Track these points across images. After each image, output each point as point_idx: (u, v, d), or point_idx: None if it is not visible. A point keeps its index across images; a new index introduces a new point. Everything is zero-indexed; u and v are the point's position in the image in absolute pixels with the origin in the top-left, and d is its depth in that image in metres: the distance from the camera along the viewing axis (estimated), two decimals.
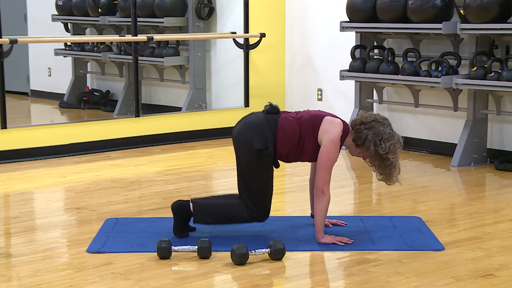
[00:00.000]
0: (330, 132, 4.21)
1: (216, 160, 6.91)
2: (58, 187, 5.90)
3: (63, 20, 9.78)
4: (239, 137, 4.32)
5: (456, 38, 6.68)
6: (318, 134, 4.23)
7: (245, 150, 4.27)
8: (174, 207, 4.36)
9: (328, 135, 4.21)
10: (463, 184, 6.07)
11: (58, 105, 9.81)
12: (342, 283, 3.75)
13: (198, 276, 3.79)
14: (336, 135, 4.21)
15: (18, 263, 4.00)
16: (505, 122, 6.61)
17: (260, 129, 4.26)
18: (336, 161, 4.25)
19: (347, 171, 6.48)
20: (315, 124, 4.25)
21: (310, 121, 4.27)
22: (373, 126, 4.22)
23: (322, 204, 4.23)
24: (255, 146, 4.22)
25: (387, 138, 4.20)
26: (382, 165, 4.26)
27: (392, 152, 4.21)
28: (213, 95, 8.67)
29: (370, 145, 4.21)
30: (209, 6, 8.49)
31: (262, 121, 4.29)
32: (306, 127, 4.25)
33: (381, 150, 4.19)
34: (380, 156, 4.22)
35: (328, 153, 4.20)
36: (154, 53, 8.64)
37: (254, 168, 4.27)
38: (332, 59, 7.83)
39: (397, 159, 4.26)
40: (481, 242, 4.33)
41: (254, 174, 4.28)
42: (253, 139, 4.23)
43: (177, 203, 4.37)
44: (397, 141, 4.24)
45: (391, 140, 4.20)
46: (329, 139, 4.20)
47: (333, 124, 4.24)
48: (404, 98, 7.28)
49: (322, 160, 4.20)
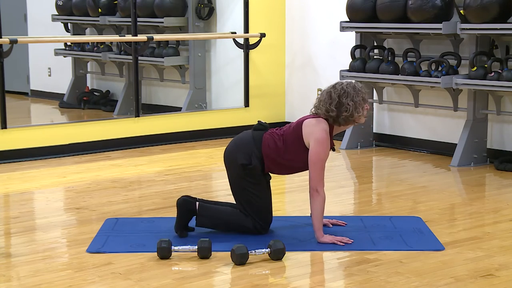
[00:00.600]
0: (313, 132, 4.25)
1: (216, 160, 6.90)
2: (58, 187, 5.90)
3: (63, 20, 9.78)
4: (227, 156, 4.44)
5: (456, 38, 6.68)
6: (304, 141, 4.29)
7: (233, 168, 4.39)
8: (179, 203, 4.38)
9: (313, 136, 4.25)
10: (463, 184, 6.07)
11: (58, 105, 9.81)
12: (342, 283, 3.75)
13: (198, 276, 3.79)
14: (320, 133, 4.24)
15: (18, 263, 4.00)
16: (505, 122, 6.61)
17: (245, 146, 4.36)
18: (326, 158, 4.28)
19: (347, 171, 6.48)
20: (297, 133, 4.31)
21: (292, 133, 4.33)
22: (335, 107, 4.24)
23: (317, 203, 4.25)
24: (239, 162, 4.32)
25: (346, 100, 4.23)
26: (347, 117, 4.27)
27: (349, 110, 4.23)
28: (213, 95, 8.67)
29: (339, 118, 4.25)
30: (209, 6, 8.49)
31: (248, 139, 4.39)
32: (291, 137, 4.32)
33: (347, 117, 4.24)
34: (346, 119, 4.26)
35: (316, 153, 4.23)
36: (154, 53, 8.64)
37: (244, 183, 4.35)
38: (332, 59, 7.83)
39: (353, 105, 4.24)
40: (481, 242, 4.33)
41: (246, 190, 4.36)
42: (238, 156, 4.34)
43: (183, 200, 4.39)
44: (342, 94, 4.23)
45: (343, 98, 4.23)
46: (315, 139, 4.24)
47: (313, 124, 4.28)
48: (404, 98, 7.28)
49: (312, 160, 4.24)
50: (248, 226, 4.37)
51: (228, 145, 4.48)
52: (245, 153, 4.32)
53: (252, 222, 4.37)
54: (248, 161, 4.30)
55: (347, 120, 4.29)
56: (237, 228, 4.41)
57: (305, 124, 4.31)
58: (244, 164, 4.30)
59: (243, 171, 4.32)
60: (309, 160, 4.25)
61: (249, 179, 4.34)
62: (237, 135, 4.53)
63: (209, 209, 4.41)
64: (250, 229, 4.38)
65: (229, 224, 4.42)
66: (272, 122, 4.58)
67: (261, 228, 4.39)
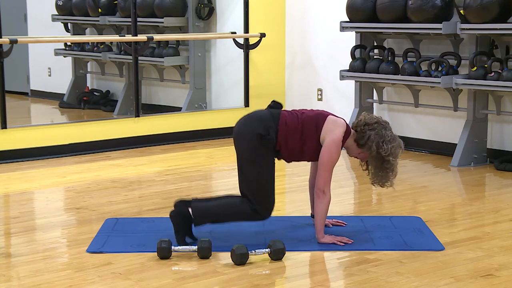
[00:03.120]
0: (333, 132, 4.21)
1: (216, 160, 6.90)
2: (58, 187, 5.90)
3: (63, 20, 9.78)
4: (242, 128, 4.28)
5: (456, 38, 6.68)
6: (321, 133, 4.22)
7: (247, 139, 4.22)
8: (173, 216, 4.21)
9: (331, 135, 4.20)
10: (463, 184, 6.07)
11: (58, 105, 9.81)
12: (342, 283, 3.75)
13: (198, 276, 3.79)
14: (338, 136, 4.21)
15: (18, 263, 4.00)
16: (505, 122, 6.61)
17: (263, 119, 4.25)
18: (337, 161, 4.25)
19: (347, 171, 6.48)
20: (318, 122, 4.24)
21: (313, 119, 4.25)
22: (375, 127, 4.24)
23: (322, 204, 4.23)
24: (256, 131, 4.18)
25: (389, 140, 4.23)
26: (381, 167, 4.26)
27: (393, 155, 4.23)
28: (213, 95, 8.67)
29: (372, 145, 4.21)
30: (209, 6, 8.49)
31: (265, 114, 4.29)
32: (309, 124, 4.23)
33: (383, 152, 4.20)
34: (381, 157, 4.22)
35: (329, 153, 4.19)
36: (154, 53, 8.64)
37: (255, 156, 4.19)
38: (332, 59, 7.83)
39: (396, 163, 4.27)
40: (481, 242, 4.33)
41: (255, 163, 4.19)
42: (255, 126, 4.21)
43: (175, 212, 4.22)
44: (398, 145, 4.26)
45: (393, 143, 4.23)
46: (332, 139, 4.19)
47: (337, 124, 4.24)
48: (404, 98, 7.28)
49: (323, 160, 4.20)
50: (247, 211, 4.20)
51: (240, 120, 4.34)
52: (263, 124, 4.20)
53: (250, 206, 4.19)
54: (266, 132, 4.19)
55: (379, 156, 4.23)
56: (236, 217, 4.26)
57: (329, 119, 4.24)
58: (261, 134, 4.17)
59: (258, 141, 4.17)
60: (320, 159, 4.20)
61: (262, 151, 4.19)
62: (249, 113, 4.38)
63: (203, 208, 4.25)
64: (249, 214, 4.21)
65: (227, 215, 4.27)
66: None
67: (262, 211, 4.21)
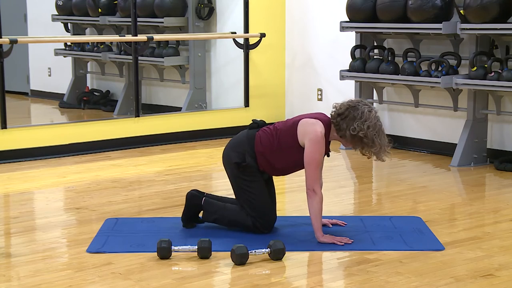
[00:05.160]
0: (308, 132, 4.25)
1: (216, 160, 6.90)
2: (58, 187, 5.90)
3: (63, 20, 9.78)
4: (224, 158, 4.51)
5: (456, 38, 6.68)
6: (298, 139, 4.29)
7: (229, 167, 4.47)
8: (188, 196, 4.52)
9: (307, 136, 4.25)
10: (463, 184, 6.07)
11: (58, 105, 9.81)
12: (342, 283, 3.75)
13: (198, 276, 3.79)
14: (315, 134, 4.22)
15: (18, 263, 4.00)
16: (505, 122, 6.61)
17: (238, 145, 4.42)
18: (322, 158, 4.26)
19: (347, 171, 6.48)
20: (292, 131, 4.31)
21: (288, 129, 4.33)
22: (347, 114, 4.22)
23: (315, 203, 4.26)
24: (233, 161, 4.38)
25: (358, 118, 4.18)
26: (363, 145, 4.23)
27: (365, 130, 4.16)
28: (213, 95, 8.67)
29: (346, 132, 4.21)
30: (209, 6, 8.49)
31: (242, 138, 4.44)
32: (285, 136, 4.32)
33: (353, 132, 4.18)
34: (356, 137, 4.20)
35: (311, 153, 4.23)
36: (154, 53, 8.64)
37: (241, 183, 4.39)
38: (332, 59, 7.83)
39: (375, 134, 4.18)
40: (481, 242, 4.33)
41: (244, 190, 4.40)
42: (232, 155, 4.41)
43: (192, 194, 4.52)
44: (368, 118, 4.18)
45: (361, 118, 4.18)
46: (309, 139, 4.23)
47: (309, 124, 4.27)
48: (404, 98, 7.28)
49: (307, 160, 4.25)
50: (248, 224, 4.40)
51: (225, 148, 4.53)
52: (238, 152, 4.38)
53: (252, 220, 4.39)
54: (241, 159, 4.35)
55: (355, 137, 4.20)
56: (239, 225, 4.45)
57: (301, 123, 4.30)
58: (237, 163, 4.36)
59: (237, 170, 4.37)
60: (304, 160, 4.26)
61: (244, 177, 4.38)
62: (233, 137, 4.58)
63: (214, 205, 4.49)
64: (251, 228, 4.40)
65: (231, 221, 4.47)
66: (272, 122, 4.57)
67: (261, 227, 4.40)
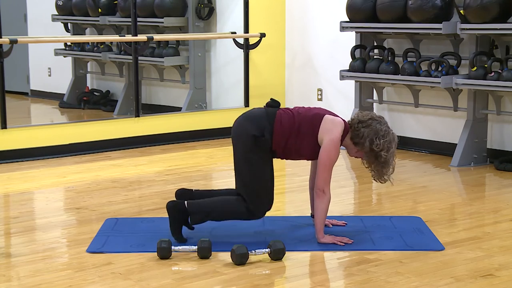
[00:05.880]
0: (331, 131, 4.20)
1: (216, 160, 6.91)
2: (58, 187, 5.90)
3: (63, 20, 9.78)
4: (238, 128, 4.29)
5: (456, 38, 6.68)
6: (319, 133, 4.21)
7: (242, 139, 4.24)
8: (169, 208, 4.26)
9: (329, 135, 4.20)
10: (463, 184, 6.07)
11: (58, 105, 9.81)
12: (342, 283, 3.75)
13: (198, 276, 3.79)
14: (337, 135, 4.20)
15: (18, 263, 4.00)
16: (505, 122, 6.61)
17: (258, 119, 4.25)
18: (336, 160, 4.25)
19: (347, 171, 6.48)
20: (315, 122, 4.23)
21: (310, 119, 4.25)
22: (370, 124, 4.23)
23: (322, 204, 4.22)
24: (250, 133, 4.19)
25: (382, 135, 4.21)
26: (376, 162, 4.25)
27: (386, 150, 4.19)
28: (213, 95, 8.67)
29: (366, 141, 4.21)
30: (209, 6, 8.49)
31: (261, 113, 4.29)
32: (306, 124, 4.23)
33: (375, 147, 4.19)
34: (375, 153, 4.21)
35: (328, 153, 4.19)
36: (154, 53, 8.64)
37: (250, 157, 4.21)
38: (332, 59, 7.83)
39: (391, 157, 4.24)
40: (481, 242, 4.33)
41: (251, 165, 4.21)
42: (249, 127, 4.22)
43: (172, 204, 4.26)
44: (392, 139, 4.23)
45: (386, 137, 4.20)
46: (330, 139, 4.19)
47: (334, 124, 4.23)
48: (404, 98, 7.28)
49: (322, 160, 4.19)
50: (242, 210, 4.22)
51: (237, 119, 4.35)
52: (258, 125, 4.21)
53: (245, 205, 4.21)
54: (260, 133, 4.20)
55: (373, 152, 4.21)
56: (231, 215, 4.27)
57: (326, 119, 4.24)
58: (255, 135, 4.18)
59: (253, 143, 4.19)
60: (319, 159, 4.20)
61: (257, 152, 4.20)
62: (247, 110, 4.39)
63: (199, 204, 4.27)
64: (244, 213, 4.23)
65: (222, 213, 4.27)
66: None
67: (257, 211, 4.23)
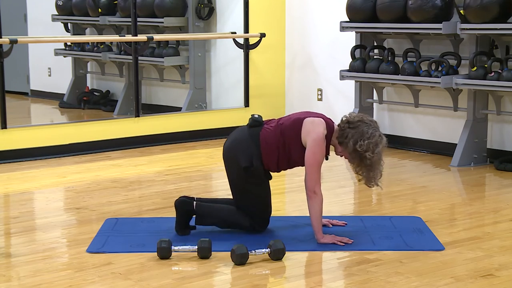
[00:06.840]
0: (312, 132, 4.23)
1: (216, 160, 6.90)
2: (58, 187, 5.90)
3: (63, 20, 9.78)
4: (227, 154, 4.42)
5: (456, 38, 6.68)
6: (301, 137, 4.26)
7: (234, 168, 4.37)
8: (177, 204, 4.42)
9: (310, 136, 4.23)
10: (463, 184, 6.07)
11: (58, 105, 9.81)
12: (342, 283, 3.75)
13: (198, 276, 3.79)
14: (318, 135, 4.21)
15: (18, 263, 4.00)
16: (505, 122, 6.61)
17: (244, 147, 4.33)
18: (323, 160, 4.25)
19: (347, 171, 6.47)
20: (296, 128, 4.28)
21: (291, 126, 4.30)
22: (357, 125, 4.22)
23: (316, 204, 4.25)
24: (241, 164, 4.29)
25: (368, 137, 4.18)
26: (361, 165, 4.23)
27: (370, 151, 4.16)
28: (213, 95, 8.67)
29: (350, 141, 4.19)
30: (209, 6, 8.49)
31: (245, 137, 4.36)
32: (288, 132, 4.29)
33: (359, 148, 4.16)
34: (359, 154, 4.19)
35: (313, 154, 4.21)
36: (154, 53, 8.64)
37: (245, 184, 4.35)
38: (332, 59, 7.83)
39: (377, 160, 4.20)
40: (481, 242, 4.33)
41: (247, 190, 4.37)
42: (238, 156, 4.32)
43: (181, 201, 4.42)
44: (378, 142, 4.19)
45: (371, 139, 4.17)
46: (312, 140, 4.21)
47: (314, 124, 4.25)
48: (404, 98, 7.28)
49: (308, 161, 4.22)
50: (246, 224, 4.40)
51: (225, 144, 4.45)
52: (245, 154, 4.30)
53: (250, 221, 4.39)
54: (250, 163, 4.29)
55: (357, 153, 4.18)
56: (235, 226, 4.44)
57: (306, 121, 4.27)
58: (246, 167, 4.28)
59: (245, 174, 4.31)
60: (305, 161, 4.24)
61: (252, 181, 4.34)
62: (233, 132, 4.49)
63: (207, 208, 4.44)
64: (248, 228, 4.41)
65: (227, 222, 4.44)
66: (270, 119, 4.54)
67: (258, 227, 4.42)
